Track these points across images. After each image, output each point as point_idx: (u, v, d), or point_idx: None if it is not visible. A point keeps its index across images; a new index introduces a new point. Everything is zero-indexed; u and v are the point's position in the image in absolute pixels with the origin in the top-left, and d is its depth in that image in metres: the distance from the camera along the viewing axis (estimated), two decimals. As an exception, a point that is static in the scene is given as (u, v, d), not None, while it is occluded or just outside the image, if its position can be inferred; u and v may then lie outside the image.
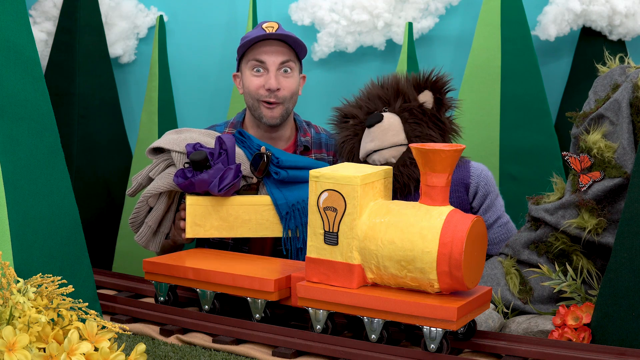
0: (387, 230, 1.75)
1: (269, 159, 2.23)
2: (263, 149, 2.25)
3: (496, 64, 3.13)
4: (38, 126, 1.78)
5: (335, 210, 1.78)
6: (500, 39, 3.14)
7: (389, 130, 2.33)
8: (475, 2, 3.38)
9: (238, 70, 2.60)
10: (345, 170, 1.80)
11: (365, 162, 2.37)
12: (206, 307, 1.99)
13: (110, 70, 3.49)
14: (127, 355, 1.53)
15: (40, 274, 1.61)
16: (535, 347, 1.76)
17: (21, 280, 1.54)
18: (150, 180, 2.29)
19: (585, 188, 2.12)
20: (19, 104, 1.75)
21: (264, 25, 2.50)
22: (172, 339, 1.91)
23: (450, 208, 1.75)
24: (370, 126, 2.34)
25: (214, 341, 1.87)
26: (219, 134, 2.24)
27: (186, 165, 2.19)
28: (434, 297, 1.72)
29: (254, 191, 2.28)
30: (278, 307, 2.00)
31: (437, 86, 2.40)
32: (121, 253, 3.45)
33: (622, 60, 2.25)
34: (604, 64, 2.29)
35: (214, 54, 3.62)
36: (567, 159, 2.17)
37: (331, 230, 1.80)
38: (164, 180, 2.24)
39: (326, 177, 1.79)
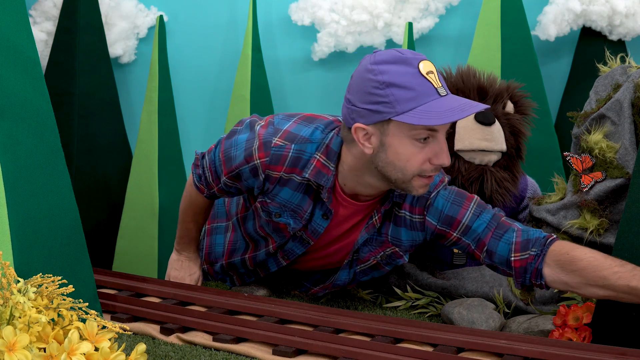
0: None
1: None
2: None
3: (496, 64, 3.13)
4: (38, 126, 1.77)
5: None
6: (500, 39, 3.14)
7: (500, 135, 2.26)
8: (475, 2, 3.38)
9: (369, 123, 1.81)
10: None
11: (457, 153, 2.28)
12: None
13: (110, 70, 3.49)
14: (128, 355, 1.52)
15: (41, 274, 1.60)
16: (536, 346, 1.75)
17: (21, 280, 1.53)
18: None
19: (587, 188, 2.11)
20: (19, 104, 1.74)
21: (427, 74, 1.75)
22: (172, 338, 1.91)
23: None
24: (486, 124, 2.25)
25: (214, 340, 1.87)
26: None
27: None
28: None
29: None
30: None
31: (522, 102, 2.36)
32: (121, 253, 3.44)
33: (623, 60, 2.25)
34: (605, 63, 2.29)
35: (214, 54, 3.62)
36: (569, 159, 2.16)
37: None
38: None
39: None
